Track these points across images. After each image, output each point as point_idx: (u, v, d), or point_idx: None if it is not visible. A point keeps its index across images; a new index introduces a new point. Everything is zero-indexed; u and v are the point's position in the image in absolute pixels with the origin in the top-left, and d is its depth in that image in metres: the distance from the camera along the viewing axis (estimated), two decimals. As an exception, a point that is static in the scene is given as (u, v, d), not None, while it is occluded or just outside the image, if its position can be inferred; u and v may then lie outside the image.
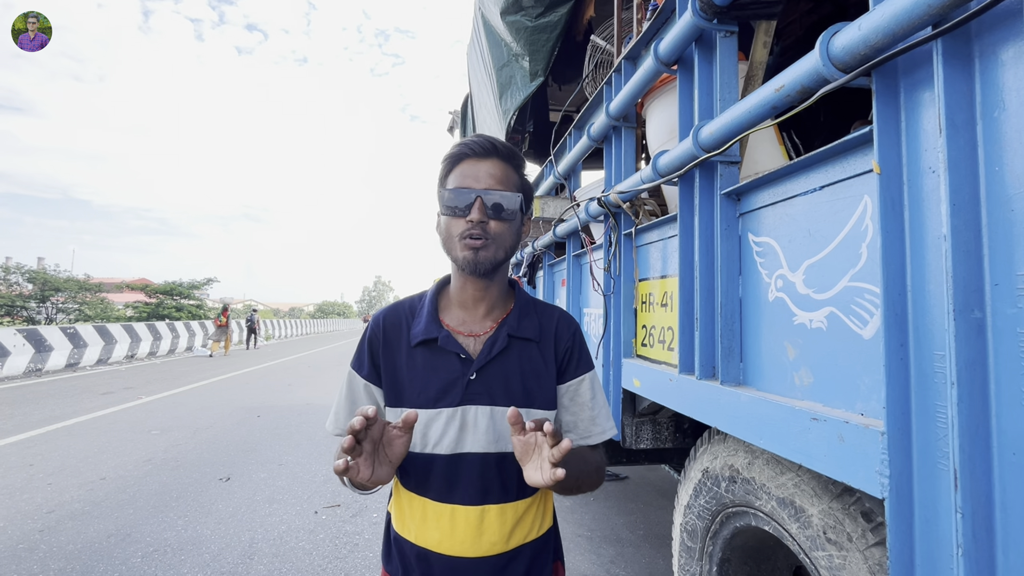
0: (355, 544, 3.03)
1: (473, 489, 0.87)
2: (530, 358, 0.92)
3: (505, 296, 0.98)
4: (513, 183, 0.90)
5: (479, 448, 0.87)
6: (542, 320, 0.97)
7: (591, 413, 0.95)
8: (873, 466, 0.82)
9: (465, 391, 0.88)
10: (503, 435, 0.88)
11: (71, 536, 3.03)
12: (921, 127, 0.79)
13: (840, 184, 0.98)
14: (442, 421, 0.87)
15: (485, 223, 0.86)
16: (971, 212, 0.71)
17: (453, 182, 0.89)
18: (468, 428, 0.88)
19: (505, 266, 0.95)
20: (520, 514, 0.90)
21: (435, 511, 0.88)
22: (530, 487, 0.85)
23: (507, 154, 0.91)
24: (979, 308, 0.70)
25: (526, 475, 0.76)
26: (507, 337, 0.91)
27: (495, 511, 0.87)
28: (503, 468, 0.88)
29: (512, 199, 0.88)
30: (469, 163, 0.89)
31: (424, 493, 0.89)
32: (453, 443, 0.87)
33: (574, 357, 0.96)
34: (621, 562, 2.86)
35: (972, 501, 0.68)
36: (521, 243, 0.97)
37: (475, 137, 0.90)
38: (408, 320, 0.95)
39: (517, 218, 0.91)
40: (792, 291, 1.11)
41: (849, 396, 0.95)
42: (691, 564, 1.67)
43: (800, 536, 1.16)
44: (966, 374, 0.69)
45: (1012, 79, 0.67)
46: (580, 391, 0.95)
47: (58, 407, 6.73)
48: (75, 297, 20.12)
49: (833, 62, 0.85)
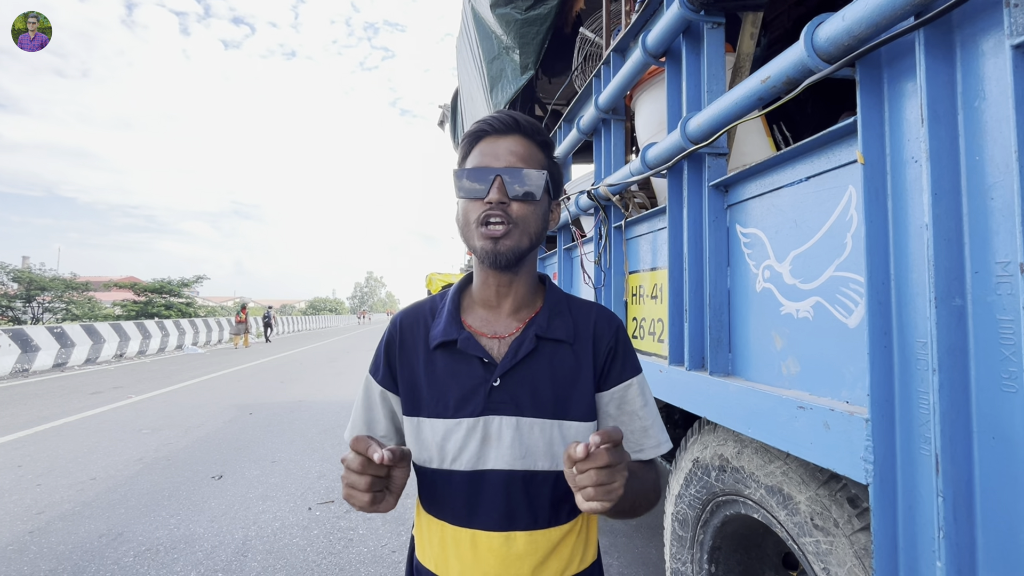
0: (349, 539, 3.03)
1: (497, 512, 0.77)
2: (563, 362, 0.81)
3: (534, 293, 0.87)
4: (538, 161, 0.80)
5: (503, 465, 0.77)
6: (577, 319, 0.85)
7: (642, 424, 0.83)
8: (858, 452, 0.84)
9: (487, 399, 0.78)
10: (531, 450, 0.77)
11: (61, 537, 3.01)
12: (904, 117, 0.80)
13: (825, 175, 0.99)
14: (462, 433, 0.78)
15: (506, 204, 0.75)
16: (952, 201, 0.72)
17: (471, 162, 0.79)
18: (491, 441, 0.77)
19: (532, 257, 0.84)
20: (555, 544, 0.79)
21: (454, 537, 0.79)
22: (565, 513, 0.80)
23: (531, 130, 0.81)
24: (960, 296, 0.71)
25: (577, 499, 0.63)
26: (535, 338, 0.80)
27: (523, 539, 0.77)
28: (531, 488, 0.78)
29: (536, 177, 0.77)
30: (489, 141, 0.79)
31: (441, 516, 0.80)
32: (474, 459, 0.77)
33: (618, 359, 0.84)
34: (614, 552, 2.89)
35: (953, 485, 0.70)
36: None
37: (496, 113, 0.81)
38: (428, 321, 0.86)
39: (544, 201, 0.80)
40: (779, 281, 1.12)
41: (835, 384, 0.97)
42: (682, 552, 1.69)
43: (788, 523, 1.18)
44: (947, 361, 0.70)
45: (992, 69, 0.67)
46: (628, 398, 0.83)
47: (46, 407, 6.65)
48: (62, 296, 19.87)
49: (818, 53, 0.86)
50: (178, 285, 22.31)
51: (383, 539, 3.05)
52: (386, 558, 2.82)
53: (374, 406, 0.86)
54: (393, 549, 2.92)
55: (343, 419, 6.16)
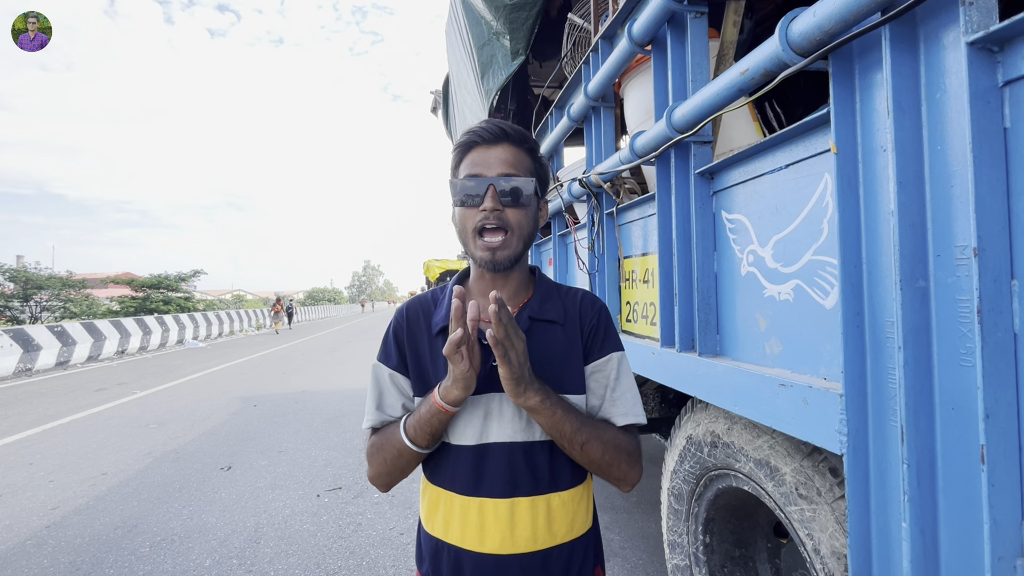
0: (358, 524, 3.13)
1: (501, 481, 0.84)
2: (555, 341, 0.89)
3: (526, 282, 0.96)
4: (527, 167, 0.87)
5: (505, 437, 0.85)
6: (566, 302, 0.94)
7: (612, 394, 0.89)
8: (833, 426, 0.89)
9: (488, 378, 0.84)
10: (530, 422, 0.85)
11: (78, 530, 3.09)
12: (874, 108, 0.84)
13: (803, 163, 1.03)
14: (466, 411, 0.85)
15: (500, 211, 0.83)
16: (916, 189, 0.76)
17: (464, 171, 0.86)
18: (493, 417, 0.85)
19: (525, 255, 0.92)
20: (554, 508, 0.86)
21: (462, 506, 0.85)
22: (564, 480, 0.86)
23: (519, 138, 0.88)
24: (923, 278, 0.76)
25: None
26: (528, 320, 0.89)
27: (526, 504, 0.84)
28: (532, 458, 0.85)
29: (527, 184, 0.85)
30: (479, 150, 0.86)
31: (451, 487, 0.86)
32: (478, 433, 0.85)
33: (599, 336, 0.92)
34: (616, 527, 2.99)
35: (917, 453, 0.75)
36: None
37: (484, 123, 0.87)
38: (430, 309, 0.94)
39: (533, 204, 0.88)
40: (762, 265, 1.17)
41: (813, 362, 1.02)
42: (679, 525, 1.77)
43: (775, 493, 1.25)
44: (912, 338, 0.76)
45: (951, 63, 0.71)
46: (604, 370, 0.90)
47: (52, 406, 6.73)
48: (59, 295, 19.81)
49: (792, 47, 0.89)
50: (175, 280, 22.25)
51: (391, 522, 3.14)
52: (394, 540, 2.91)
53: (386, 390, 0.92)
54: (401, 532, 3.01)
55: (347, 408, 6.25)
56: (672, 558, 1.83)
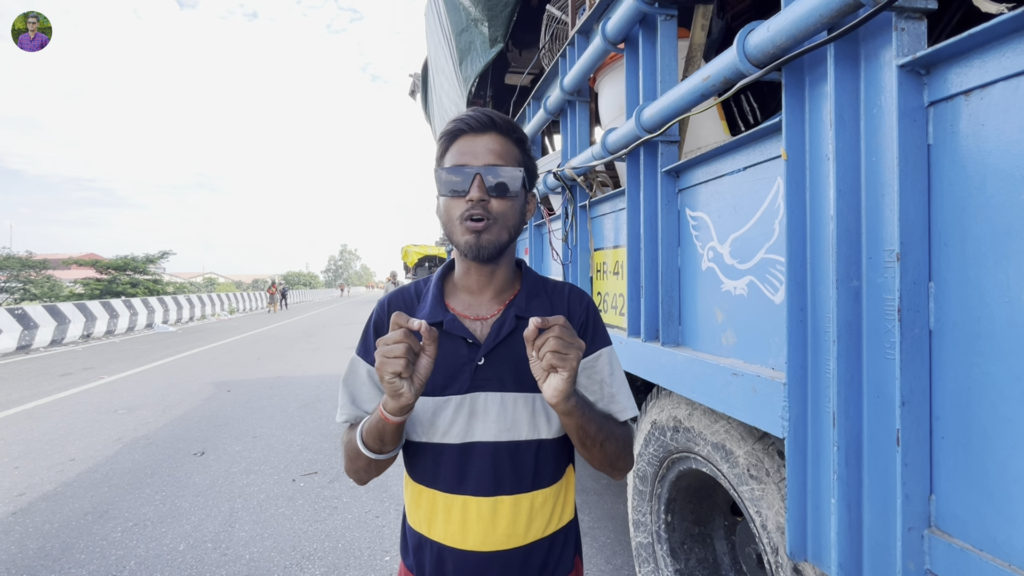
0: (334, 508, 3.17)
1: (485, 480, 0.83)
2: None
3: (512, 278, 0.93)
4: (514, 158, 0.84)
5: (490, 437, 0.84)
6: (552, 299, 0.92)
7: (610, 391, 0.89)
8: (777, 412, 0.97)
9: (473, 377, 0.84)
10: (516, 422, 0.84)
11: (46, 516, 3.06)
12: (821, 119, 0.90)
13: (759, 166, 1.10)
14: (450, 409, 0.84)
15: (486, 202, 0.80)
16: (853, 196, 0.83)
17: (450, 160, 0.83)
18: (478, 416, 0.84)
19: (511, 248, 0.89)
20: (537, 505, 0.86)
21: (446, 503, 0.85)
22: (547, 477, 0.87)
23: (506, 128, 0.85)
24: (856, 278, 0.83)
25: (539, 377, 0.73)
26: (515, 319, 0.86)
27: (509, 502, 0.84)
28: (516, 457, 0.85)
29: (514, 174, 0.82)
30: (466, 139, 0.83)
31: (434, 485, 0.86)
32: (463, 432, 0.84)
33: (588, 332, 0.90)
34: (585, 508, 3.10)
35: (846, 436, 0.83)
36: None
37: (472, 111, 0.85)
38: (414, 304, 0.92)
39: (520, 195, 0.85)
40: (720, 261, 1.24)
41: (763, 353, 1.10)
42: (643, 505, 1.87)
43: (730, 474, 1.34)
44: (845, 333, 0.83)
45: (887, 82, 0.78)
46: (597, 367, 0.89)
47: (14, 391, 6.53)
48: (18, 275, 19.05)
49: (748, 58, 0.95)
50: (143, 262, 21.60)
51: (367, 505, 3.19)
52: (370, 523, 2.97)
53: (362, 385, 0.90)
54: (377, 515, 3.07)
55: (322, 394, 6.24)
56: (636, 536, 1.93)
